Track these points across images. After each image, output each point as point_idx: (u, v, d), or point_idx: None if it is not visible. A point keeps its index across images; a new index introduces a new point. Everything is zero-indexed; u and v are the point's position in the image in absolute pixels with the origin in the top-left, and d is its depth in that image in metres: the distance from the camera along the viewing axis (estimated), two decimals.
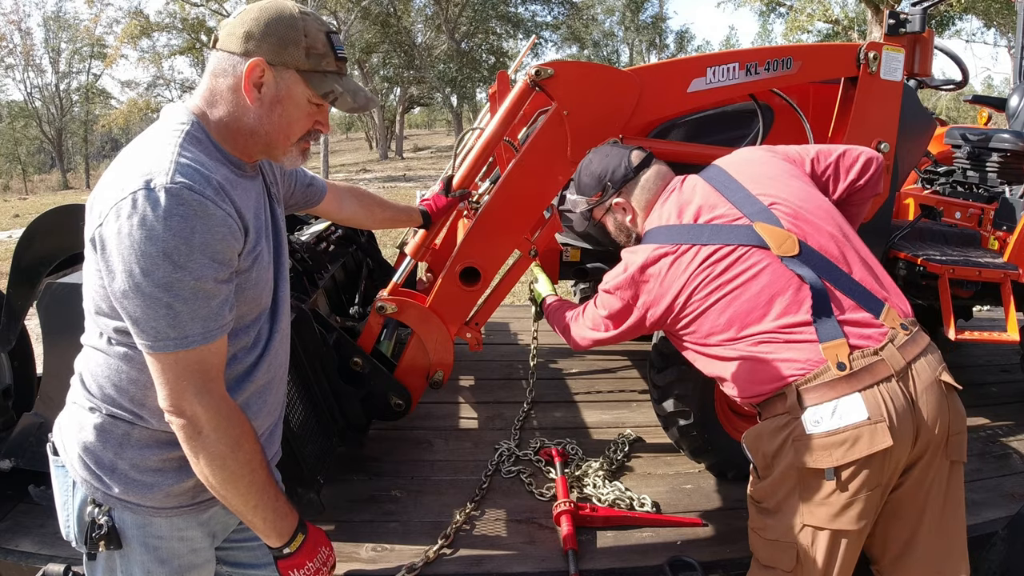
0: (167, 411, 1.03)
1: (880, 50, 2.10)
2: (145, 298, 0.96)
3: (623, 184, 1.64)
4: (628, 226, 1.66)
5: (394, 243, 2.61)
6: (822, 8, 18.01)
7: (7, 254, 7.77)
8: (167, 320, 0.97)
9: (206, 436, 1.03)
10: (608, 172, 1.65)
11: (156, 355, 1.00)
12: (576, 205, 1.74)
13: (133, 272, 0.95)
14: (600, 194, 1.67)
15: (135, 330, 0.99)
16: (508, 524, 2.06)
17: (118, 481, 1.10)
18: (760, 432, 1.41)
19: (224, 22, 1.10)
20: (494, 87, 2.66)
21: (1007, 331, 2.54)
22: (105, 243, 0.97)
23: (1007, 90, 4.10)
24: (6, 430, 2.03)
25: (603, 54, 38.04)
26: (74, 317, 1.74)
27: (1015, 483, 2.30)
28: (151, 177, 0.96)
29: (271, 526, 1.11)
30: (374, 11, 23.99)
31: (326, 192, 1.64)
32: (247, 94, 1.07)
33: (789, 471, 1.35)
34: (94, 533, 1.09)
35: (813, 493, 1.32)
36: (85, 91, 32.96)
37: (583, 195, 1.72)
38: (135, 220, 0.94)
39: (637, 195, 1.63)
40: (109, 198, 0.98)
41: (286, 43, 1.06)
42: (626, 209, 1.65)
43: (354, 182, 20.40)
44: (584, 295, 3.76)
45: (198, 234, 0.97)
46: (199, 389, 1.02)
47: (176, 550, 1.16)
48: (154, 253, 0.94)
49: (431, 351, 2.09)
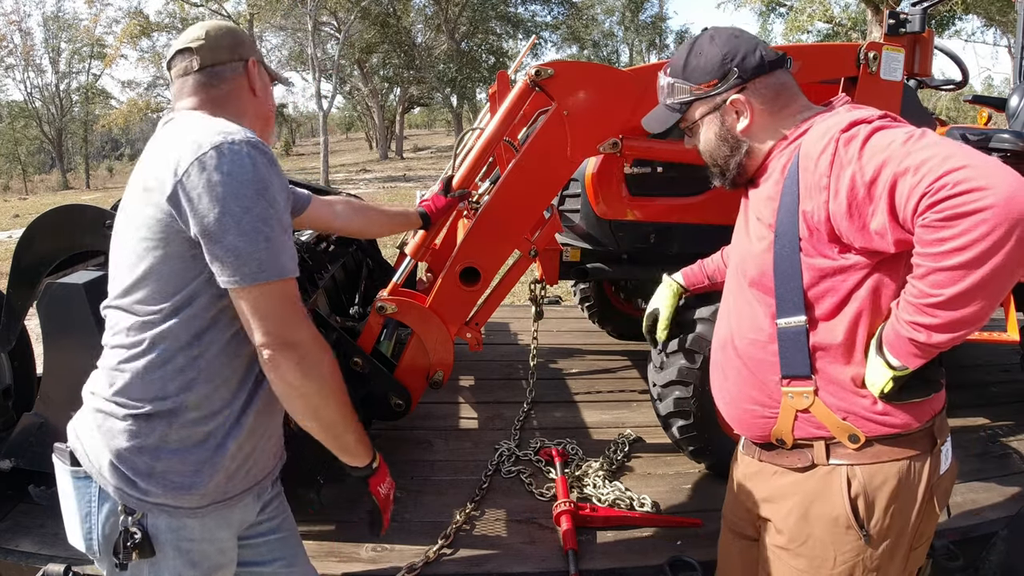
0: (271, 347, 1.06)
1: (880, 50, 2.10)
2: (246, 232, 1.02)
3: (753, 76, 1.21)
4: (738, 136, 1.24)
5: (394, 243, 2.61)
6: (822, 8, 18.02)
7: (7, 254, 7.77)
8: (267, 251, 1.03)
9: (313, 360, 1.09)
10: (737, 55, 1.21)
11: (261, 286, 1.04)
12: (670, 93, 1.29)
13: (232, 210, 1.01)
14: (716, 82, 1.22)
15: (236, 264, 1.02)
16: (508, 524, 2.06)
17: (157, 484, 1.09)
18: (886, 478, 1.16)
19: (180, 49, 1.23)
20: (494, 87, 2.66)
21: (1007, 331, 2.54)
22: (191, 192, 1.01)
23: (1007, 90, 4.10)
24: (6, 430, 2.03)
25: (603, 54, 38.02)
26: (74, 317, 1.75)
27: (1015, 483, 2.30)
28: (228, 134, 1.05)
29: (362, 442, 1.22)
30: (374, 11, 23.99)
31: (311, 200, 1.71)
32: (252, 89, 1.25)
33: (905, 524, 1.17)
34: (128, 543, 1.08)
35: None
36: (85, 91, 32.95)
37: (688, 81, 1.25)
38: (225, 165, 1.02)
39: (766, 97, 1.22)
40: (183, 157, 1.03)
41: (252, 43, 1.28)
42: (745, 112, 1.22)
43: (354, 182, 20.42)
44: (584, 295, 3.76)
45: (276, 178, 1.07)
46: (301, 316, 1.09)
47: (206, 552, 1.16)
48: (249, 191, 1.02)
49: (431, 351, 2.09)
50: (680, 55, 1.28)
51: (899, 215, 1.00)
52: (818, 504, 1.20)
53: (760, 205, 1.23)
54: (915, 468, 1.16)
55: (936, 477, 1.18)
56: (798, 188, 1.13)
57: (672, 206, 2.46)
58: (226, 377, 1.12)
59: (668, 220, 2.47)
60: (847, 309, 1.13)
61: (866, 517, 1.16)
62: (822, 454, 1.19)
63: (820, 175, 1.08)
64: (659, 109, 1.34)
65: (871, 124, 1.07)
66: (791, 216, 1.14)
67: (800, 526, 1.22)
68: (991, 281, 0.93)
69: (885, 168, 1.00)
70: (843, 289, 1.13)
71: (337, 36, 23.19)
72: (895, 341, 1.06)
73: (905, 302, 1.04)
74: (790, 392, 1.20)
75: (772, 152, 1.24)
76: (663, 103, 1.32)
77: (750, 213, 1.28)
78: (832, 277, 1.13)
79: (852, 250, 1.10)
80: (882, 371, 1.09)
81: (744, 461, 1.37)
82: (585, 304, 3.78)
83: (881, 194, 1.01)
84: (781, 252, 1.16)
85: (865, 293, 1.12)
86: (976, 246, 0.91)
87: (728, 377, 1.33)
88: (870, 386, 1.13)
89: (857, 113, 1.12)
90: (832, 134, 1.09)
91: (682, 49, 1.29)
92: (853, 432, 1.16)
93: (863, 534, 1.15)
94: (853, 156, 1.04)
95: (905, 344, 1.05)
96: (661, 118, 1.33)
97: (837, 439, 1.18)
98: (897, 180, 0.99)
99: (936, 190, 0.93)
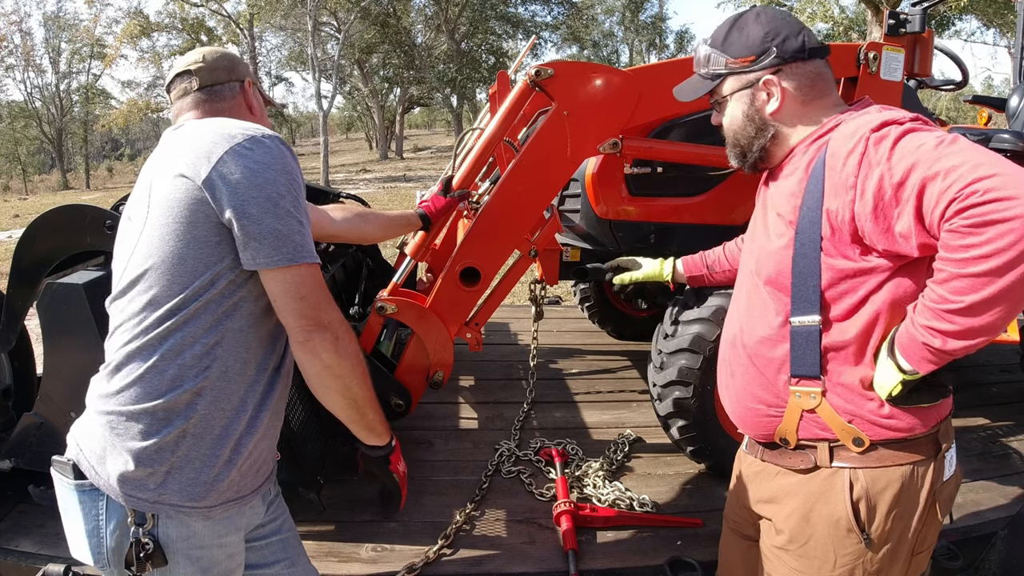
0: (307, 328, 1.09)
1: (880, 50, 2.10)
2: (282, 216, 1.07)
3: (791, 59, 1.19)
4: (766, 118, 1.23)
5: (394, 243, 2.61)
6: (822, 8, 18.01)
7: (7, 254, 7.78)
8: (300, 235, 1.09)
9: (344, 340, 1.13)
10: (779, 36, 1.19)
11: (299, 267, 1.08)
12: (706, 63, 1.27)
13: (271, 195, 1.06)
14: (753, 58, 1.20)
15: (275, 245, 1.06)
16: (508, 524, 2.06)
17: (173, 482, 1.08)
18: (889, 482, 1.16)
19: (179, 72, 1.30)
20: (494, 87, 2.66)
21: (1007, 331, 2.54)
22: (228, 177, 1.05)
23: (1007, 90, 4.10)
24: (6, 430, 2.03)
25: (603, 54, 38.04)
26: (74, 317, 1.75)
27: (1015, 483, 2.30)
28: (257, 130, 1.11)
29: (382, 421, 1.27)
30: (374, 11, 24.00)
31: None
32: (249, 107, 1.33)
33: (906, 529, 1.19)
34: (141, 553, 1.07)
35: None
36: (85, 91, 32.97)
37: (726, 53, 1.24)
38: (259, 153, 1.07)
39: (800, 83, 1.20)
40: (216, 145, 1.07)
41: (246, 66, 1.37)
42: (775, 94, 1.21)
43: (354, 183, 20.43)
44: (584, 295, 3.76)
45: (299, 172, 1.14)
46: (330, 298, 1.13)
47: (216, 557, 1.16)
48: (283, 179, 1.08)
49: (431, 351, 2.09)
50: (723, 27, 1.26)
51: (925, 219, 0.99)
52: (820, 506, 1.19)
53: (781, 201, 1.21)
54: (918, 473, 1.15)
55: (939, 483, 1.18)
56: (823, 186, 1.12)
57: (672, 206, 2.46)
58: (240, 370, 1.12)
59: (668, 220, 2.47)
60: (863, 311, 1.12)
61: (867, 521, 1.15)
62: (825, 456, 1.19)
63: (847, 174, 1.07)
64: (692, 78, 1.31)
65: (902, 126, 1.06)
66: (814, 214, 1.13)
67: (801, 527, 1.22)
68: (1013, 291, 0.93)
69: (914, 171, 0.99)
70: (862, 291, 1.12)
71: (337, 36, 23.20)
72: (909, 345, 1.06)
73: (923, 306, 1.03)
74: (797, 391, 1.19)
75: (799, 144, 1.22)
76: (697, 73, 1.30)
77: (768, 209, 1.26)
78: (852, 279, 1.12)
79: (874, 252, 1.09)
80: (892, 374, 1.09)
81: (747, 461, 1.37)
82: (585, 304, 3.78)
83: (908, 197, 1.00)
84: (801, 250, 1.15)
85: (883, 297, 1.11)
86: (1002, 255, 0.91)
87: (735, 374, 1.32)
88: (878, 389, 1.12)
89: (889, 114, 1.11)
90: (862, 133, 1.07)
91: (726, 22, 1.27)
92: (858, 436, 1.15)
93: (864, 537, 1.15)
94: (882, 157, 1.03)
95: (919, 349, 1.04)
96: (693, 87, 1.30)
97: (841, 442, 1.17)
98: (926, 184, 0.98)
99: (965, 196, 0.93)
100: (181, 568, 1.12)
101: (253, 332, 1.12)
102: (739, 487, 1.40)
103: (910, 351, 1.06)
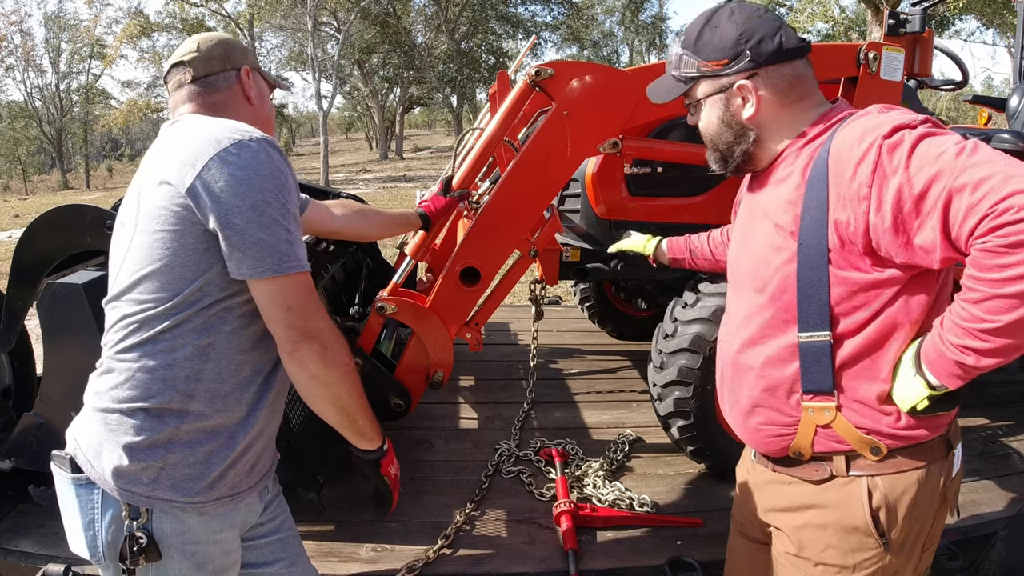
0: (294, 338, 1.08)
1: (880, 50, 2.10)
2: (268, 225, 1.04)
3: (767, 63, 1.12)
4: (743, 122, 1.16)
5: (394, 243, 2.61)
6: (822, 8, 18.00)
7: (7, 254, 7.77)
8: (287, 243, 1.07)
9: (333, 349, 1.11)
10: (753, 37, 1.12)
11: (284, 277, 1.06)
12: (677, 65, 1.21)
13: (255, 203, 1.04)
14: (726, 62, 1.14)
15: (259, 256, 1.04)
16: (508, 524, 2.06)
17: (167, 477, 1.09)
18: (907, 487, 1.13)
19: (174, 63, 1.27)
20: (494, 87, 2.66)
21: None
22: (211, 185, 1.03)
23: (1007, 90, 4.10)
24: (6, 430, 2.03)
25: (603, 54, 38.03)
26: (74, 317, 1.75)
27: (1015, 483, 2.30)
28: (244, 133, 1.08)
29: (373, 426, 1.25)
30: (374, 11, 24.01)
31: (308, 203, 1.74)
32: (247, 96, 1.29)
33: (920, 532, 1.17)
34: (135, 547, 1.07)
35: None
36: (85, 91, 32.97)
37: (697, 56, 1.17)
38: (246, 160, 1.04)
39: (778, 87, 1.14)
40: (202, 151, 1.04)
41: (245, 51, 1.32)
42: (751, 99, 1.14)
43: (354, 183, 20.42)
44: (584, 295, 3.76)
45: (290, 175, 1.11)
46: (319, 306, 1.11)
47: (211, 553, 1.16)
48: (269, 185, 1.05)
49: (431, 351, 2.09)
50: (695, 25, 1.18)
51: (952, 233, 0.94)
52: (837, 515, 1.16)
53: (778, 210, 1.14)
54: (932, 474, 1.14)
55: (949, 480, 1.17)
56: (827, 195, 1.05)
57: (672, 206, 2.46)
58: (235, 371, 1.12)
59: (668, 220, 2.47)
60: (876, 324, 1.08)
61: (887, 526, 1.13)
62: (842, 466, 1.15)
63: (860, 184, 1.01)
64: (666, 78, 1.24)
65: (915, 130, 0.99)
66: (818, 224, 1.06)
67: (818, 536, 1.19)
68: None
69: (937, 182, 0.93)
70: (875, 304, 1.07)
71: (337, 36, 23.21)
72: (938, 361, 1.01)
73: (954, 324, 0.98)
74: (811, 407, 1.15)
75: (788, 147, 1.16)
76: (670, 73, 1.23)
77: (762, 217, 1.19)
78: (865, 292, 1.07)
79: (889, 264, 1.04)
80: (919, 390, 1.05)
81: (756, 469, 1.33)
82: (585, 304, 3.78)
83: (931, 210, 0.94)
84: (806, 263, 1.09)
85: (897, 309, 1.06)
86: None
87: (739, 399, 1.26)
88: (899, 402, 1.08)
89: (898, 116, 1.03)
90: (873, 140, 1.00)
91: (699, 18, 1.18)
92: (875, 445, 1.12)
93: (883, 542, 1.13)
94: (899, 166, 0.97)
95: (951, 366, 1.00)
96: (666, 88, 1.24)
97: (858, 452, 1.14)
98: (952, 196, 0.92)
99: (999, 212, 0.88)
100: (176, 563, 1.12)
101: (247, 334, 1.12)
102: (747, 495, 1.37)
103: (939, 367, 1.01)
